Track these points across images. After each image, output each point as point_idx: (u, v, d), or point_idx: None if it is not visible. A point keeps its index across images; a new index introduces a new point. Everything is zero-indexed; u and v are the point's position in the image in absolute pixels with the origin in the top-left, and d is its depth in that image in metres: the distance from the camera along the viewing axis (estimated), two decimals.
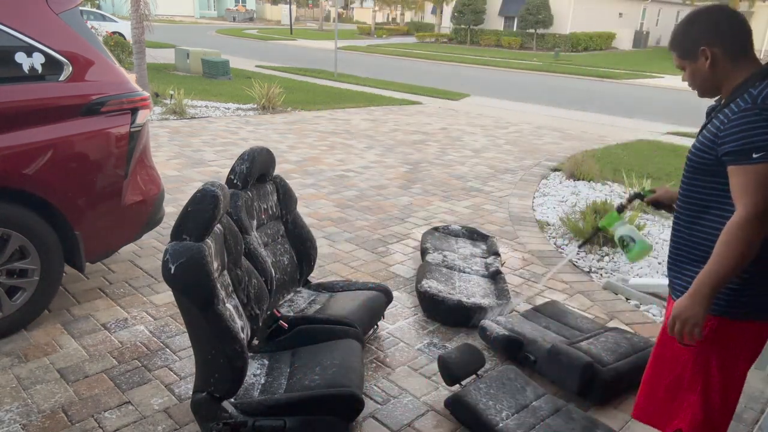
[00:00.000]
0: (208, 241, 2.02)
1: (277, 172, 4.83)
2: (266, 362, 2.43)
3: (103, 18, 20.91)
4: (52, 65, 2.83)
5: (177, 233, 1.97)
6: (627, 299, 3.59)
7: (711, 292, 1.58)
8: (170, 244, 1.94)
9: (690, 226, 1.74)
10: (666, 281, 3.73)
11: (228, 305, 2.12)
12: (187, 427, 2.28)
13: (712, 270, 1.57)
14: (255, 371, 2.35)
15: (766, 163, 1.51)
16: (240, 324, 2.19)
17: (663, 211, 2.52)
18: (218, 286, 2.00)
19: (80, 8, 3.10)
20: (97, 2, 22.87)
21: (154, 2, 11.05)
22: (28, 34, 2.74)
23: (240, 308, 2.28)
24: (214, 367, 2.01)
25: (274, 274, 2.70)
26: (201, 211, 1.98)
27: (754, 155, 1.52)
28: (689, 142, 9.03)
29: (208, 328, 1.95)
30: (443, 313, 3.18)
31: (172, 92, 9.79)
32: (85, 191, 2.96)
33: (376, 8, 46.80)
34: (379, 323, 3.06)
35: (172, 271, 1.88)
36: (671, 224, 1.84)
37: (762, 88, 1.56)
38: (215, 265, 2.08)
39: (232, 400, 2.10)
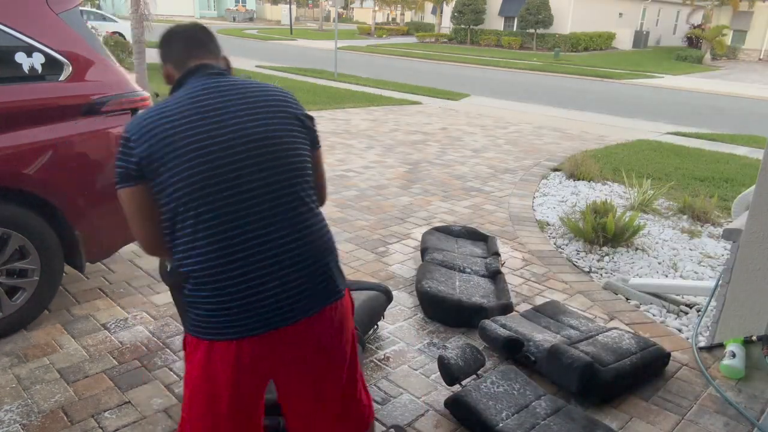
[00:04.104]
0: None
1: None
2: None
3: (103, 18, 20.90)
4: (52, 65, 2.83)
5: None
6: (627, 299, 3.59)
7: None
8: None
9: None
10: (666, 281, 3.73)
11: None
12: None
13: None
14: None
15: None
16: None
17: (662, 211, 2.54)
18: None
19: (80, 8, 3.10)
20: (97, 2, 22.87)
21: (154, 2, 11.05)
22: (28, 34, 2.74)
23: None
24: None
25: None
26: None
27: None
28: (689, 143, 9.06)
29: None
30: (443, 313, 3.18)
31: None
32: (85, 191, 2.95)
33: (376, 8, 46.79)
34: (379, 323, 3.06)
35: (168, 269, 1.88)
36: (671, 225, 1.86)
37: None
38: None
39: None
